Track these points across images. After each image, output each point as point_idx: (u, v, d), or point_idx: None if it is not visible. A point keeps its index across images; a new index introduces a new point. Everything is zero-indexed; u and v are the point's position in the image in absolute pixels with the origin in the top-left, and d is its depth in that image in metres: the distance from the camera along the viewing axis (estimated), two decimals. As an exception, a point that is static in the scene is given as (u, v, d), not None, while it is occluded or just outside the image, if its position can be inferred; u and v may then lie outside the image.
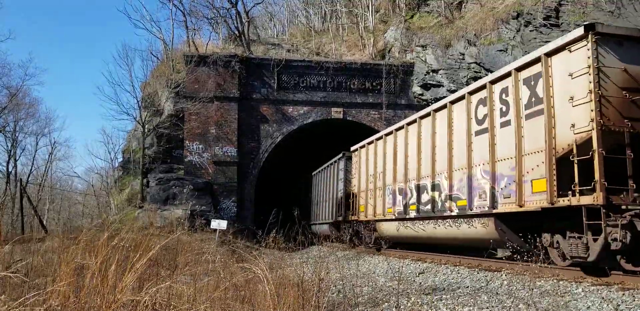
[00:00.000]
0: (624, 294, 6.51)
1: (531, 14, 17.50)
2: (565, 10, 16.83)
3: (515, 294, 7.23)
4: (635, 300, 6.23)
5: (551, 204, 8.17)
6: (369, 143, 17.22)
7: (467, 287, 8.42)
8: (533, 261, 7.90)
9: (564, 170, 8.00)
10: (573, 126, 7.91)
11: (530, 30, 17.50)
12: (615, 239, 7.28)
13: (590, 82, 7.65)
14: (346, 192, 19.06)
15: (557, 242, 8.65)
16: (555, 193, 8.13)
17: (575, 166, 7.71)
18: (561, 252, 8.61)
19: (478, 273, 9.54)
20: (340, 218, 19.62)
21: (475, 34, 20.23)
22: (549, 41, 16.55)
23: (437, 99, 20.92)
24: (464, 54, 21.02)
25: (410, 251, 14.85)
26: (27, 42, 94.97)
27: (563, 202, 7.97)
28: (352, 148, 19.08)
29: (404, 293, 7.91)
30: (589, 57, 7.72)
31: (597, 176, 7.39)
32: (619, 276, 7.65)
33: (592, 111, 7.58)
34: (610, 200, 7.39)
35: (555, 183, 8.14)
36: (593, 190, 7.47)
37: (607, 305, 6.18)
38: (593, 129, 7.55)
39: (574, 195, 7.77)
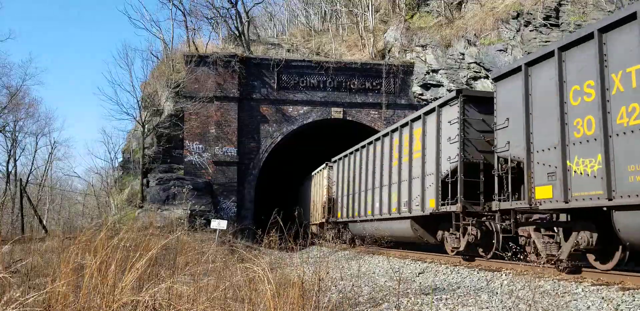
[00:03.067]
0: (624, 294, 6.51)
1: (531, 14, 17.49)
2: (565, 10, 16.82)
3: (516, 294, 7.23)
4: (635, 300, 6.23)
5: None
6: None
7: (467, 287, 8.42)
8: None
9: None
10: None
11: (530, 30, 17.49)
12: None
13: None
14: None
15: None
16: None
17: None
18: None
19: (478, 273, 9.55)
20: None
21: (475, 34, 20.21)
22: (549, 41, 16.75)
23: (436, 99, 20.92)
24: (464, 54, 21.01)
25: (410, 251, 15.27)
26: (27, 42, 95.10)
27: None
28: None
29: (404, 293, 7.91)
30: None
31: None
32: (618, 276, 7.69)
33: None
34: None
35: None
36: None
37: (607, 305, 6.18)
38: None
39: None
